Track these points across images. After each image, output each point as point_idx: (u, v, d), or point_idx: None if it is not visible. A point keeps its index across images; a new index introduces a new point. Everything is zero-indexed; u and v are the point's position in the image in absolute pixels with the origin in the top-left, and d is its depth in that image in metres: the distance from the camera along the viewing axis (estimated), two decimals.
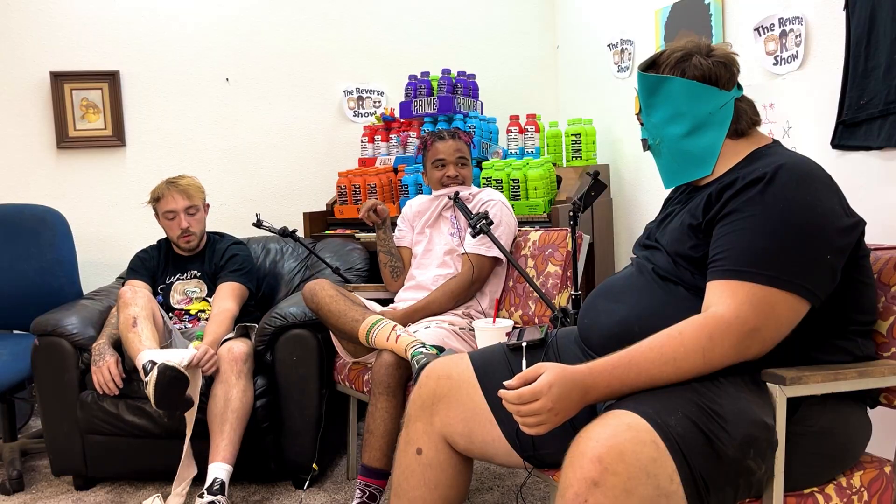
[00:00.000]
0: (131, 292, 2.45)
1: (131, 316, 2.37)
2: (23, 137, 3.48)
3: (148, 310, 2.41)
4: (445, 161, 2.64)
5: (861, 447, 1.43)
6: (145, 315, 2.38)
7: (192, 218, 2.73)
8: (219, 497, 2.19)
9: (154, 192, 2.77)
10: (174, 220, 2.72)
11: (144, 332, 2.33)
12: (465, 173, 2.65)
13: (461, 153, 2.64)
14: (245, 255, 2.83)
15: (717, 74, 1.46)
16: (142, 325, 2.34)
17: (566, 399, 1.25)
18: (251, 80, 3.69)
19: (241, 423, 2.33)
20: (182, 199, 2.71)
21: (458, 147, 2.64)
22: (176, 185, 2.73)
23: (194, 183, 2.79)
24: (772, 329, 1.27)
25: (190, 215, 2.73)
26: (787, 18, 2.37)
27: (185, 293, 2.76)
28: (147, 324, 2.36)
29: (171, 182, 2.74)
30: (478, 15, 3.91)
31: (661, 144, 1.54)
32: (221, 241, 2.88)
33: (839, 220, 1.32)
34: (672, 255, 1.44)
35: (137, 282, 2.69)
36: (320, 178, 3.77)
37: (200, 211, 2.78)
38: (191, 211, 2.73)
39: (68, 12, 3.48)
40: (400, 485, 1.59)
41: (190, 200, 2.72)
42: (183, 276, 2.79)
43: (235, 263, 2.76)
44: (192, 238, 2.75)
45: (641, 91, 1.54)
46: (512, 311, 2.49)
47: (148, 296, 2.49)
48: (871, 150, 2.08)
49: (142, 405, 2.45)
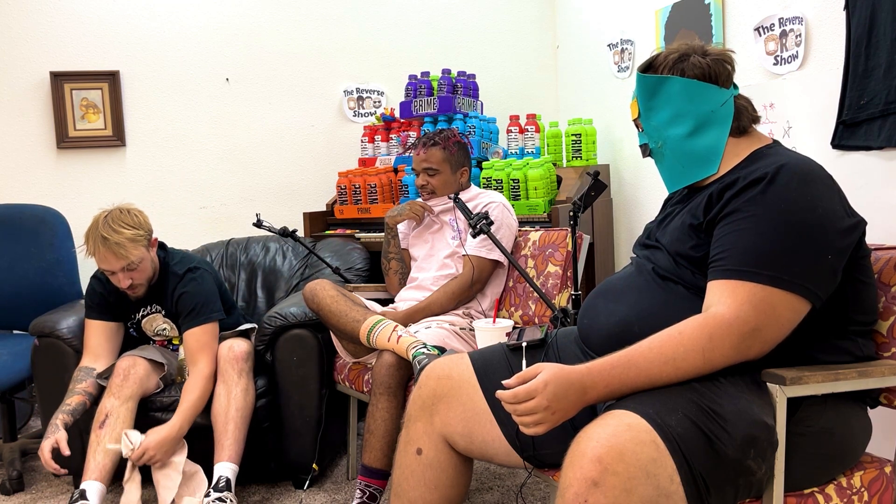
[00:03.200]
0: (122, 377, 2.30)
1: (105, 410, 2.24)
2: (23, 137, 3.48)
3: (131, 403, 2.28)
4: (416, 171, 2.64)
5: (861, 447, 1.43)
6: (121, 415, 2.24)
7: (132, 273, 2.34)
8: (225, 493, 2.17)
9: (87, 243, 2.32)
10: (113, 276, 2.35)
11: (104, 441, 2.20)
12: (434, 182, 2.59)
13: (428, 163, 2.58)
14: (196, 289, 2.45)
15: (717, 72, 1.46)
16: (109, 427, 2.22)
17: (563, 398, 1.25)
18: (251, 80, 3.70)
19: (244, 422, 2.32)
20: (116, 261, 2.29)
21: (426, 157, 2.58)
22: (109, 242, 2.27)
23: (132, 232, 2.31)
24: (772, 329, 1.27)
25: (129, 270, 2.33)
26: (787, 18, 2.37)
27: (156, 333, 2.54)
28: (118, 424, 2.23)
29: (106, 237, 2.26)
30: (478, 15, 3.92)
31: (663, 147, 1.53)
32: (171, 279, 2.48)
33: (840, 221, 1.31)
34: (672, 254, 1.44)
35: (136, 359, 2.38)
36: (320, 178, 3.77)
37: (144, 260, 2.36)
38: (130, 267, 2.32)
39: (68, 12, 3.48)
40: (400, 485, 1.59)
41: (124, 260, 2.29)
42: (148, 311, 2.51)
43: (189, 305, 2.42)
44: (139, 289, 2.40)
45: (641, 94, 1.53)
46: (512, 311, 2.49)
47: (140, 380, 2.33)
48: (872, 150, 2.08)
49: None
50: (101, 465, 2.20)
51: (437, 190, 2.61)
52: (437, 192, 2.62)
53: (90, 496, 2.14)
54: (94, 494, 2.16)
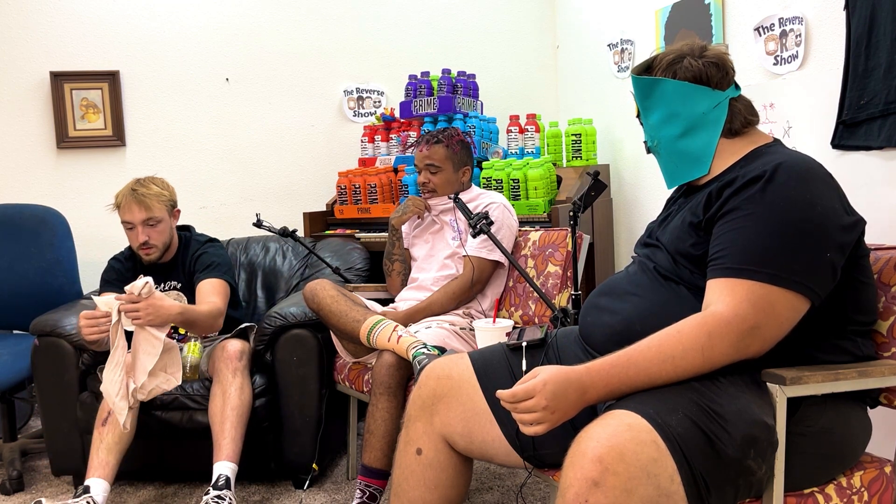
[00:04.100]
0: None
1: (108, 408, 2.25)
2: (23, 137, 3.48)
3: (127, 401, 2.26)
4: (417, 168, 2.64)
5: (861, 447, 1.43)
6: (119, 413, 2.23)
7: (151, 230, 2.48)
8: (224, 492, 2.17)
9: (117, 196, 2.52)
10: (132, 230, 2.50)
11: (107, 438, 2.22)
12: (436, 180, 2.59)
13: (430, 160, 2.58)
14: (216, 252, 2.63)
15: (709, 75, 1.47)
16: (111, 425, 2.23)
17: (563, 398, 1.25)
18: (251, 80, 3.69)
19: (241, 420, 2.32)
20: (139, 211, 2.45)
21: (429, 153, 2.58)
22: (136, 193, 2.47)
23: (159, 190, 2.51)
24: (772, 327, 1.27)
25: (149, 227, 2.48)
26: (787, 18, 2.37)
27: None
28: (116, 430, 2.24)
29: (135, 189, 2.48)
30: (478, 15, 3.92)
31: (658, 146, 1.56)
32: (192, 245, 2.66)
33: (839, 218, 1.32)
34: (672, 253, 1.44)
35: None
36: (320, 178, 3.77)
37: (164, 221, 2.52)
38: (150, 222, 2.47)
39: (68, 12, 3.48)
40: (400, 485, 1.59)
41: (149, 212, 2.45)
42: (162, 288, 2.59)
43: (206, 261, 2.57)
44: (153, 251, 2.52)
45: (637, 94, 1.56)
46: (512, 311, 2.49)
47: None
48: (871, 150, 2.07)
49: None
50: (105, 462, 2.21)
51: (439, 188, 2.61)
52: (438, 191, 2.61)
53: (94, 493, 2.15)
54: (99, 491, 2.16)
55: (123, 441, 2.26)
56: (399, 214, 2.66)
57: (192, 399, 2.44)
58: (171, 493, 2.55)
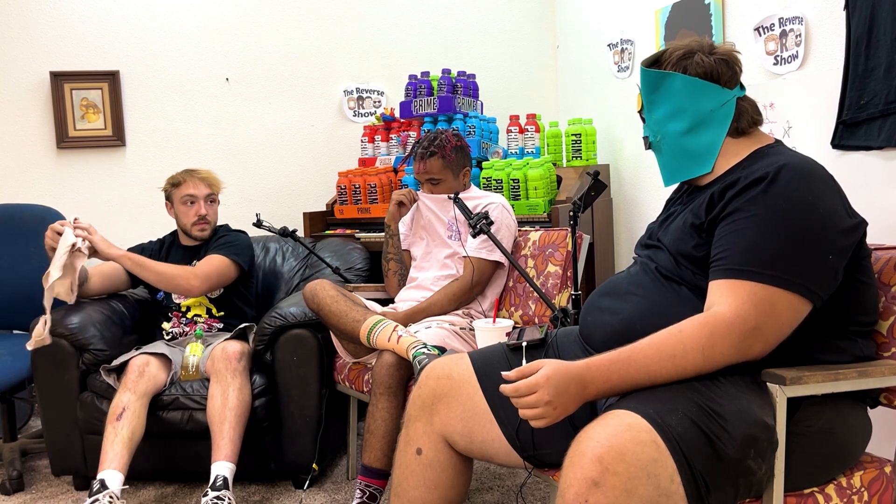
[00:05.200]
0: (138, 374, 2.36)
1: (122, 405, 2.29)
2: (23, 137, 3.48)
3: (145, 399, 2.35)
4: (419, 182, 2.67)
5: (861, 447, 1.43)
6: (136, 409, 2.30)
7: (210, 206, 2.76)
8: (223, 492, 2.17)
9: (172, 177, 2.77)
10: (193, 205, 2.72)
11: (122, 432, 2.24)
12: (440, 190, 2.62)
13: (430, 174, 2.60)
14: (237, 236, 2.80)
15: (719, 72, 1.47)
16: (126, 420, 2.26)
17: (564, 393, 1.25)
18: (251, 80, 3.70)
19: (239, 420, 2.32)
20: (203, 187, 2.74)
21: (426, 169, 2.59)
22: (198, 172, 2.76)
23: (214, 175, 2.82)
24: (773, 328, 1.27)
25: (209, 203, 2.75)
26: (787, 18, 2.37)
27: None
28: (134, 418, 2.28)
29: (192, 170, 2.77)
30: (478, 15, 3.92)
31: (661, 141, 1.55)
32: (220, 230, 2.85)
33: (841, 221, 1.32)
34: (674, 254, 1.44)
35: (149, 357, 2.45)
36: (320, 178, 3.77)
37: (217, 202, 2.81)
38: (210, 198, 2.76)
39: (68, 12, 3.48)
40: (400, 485, 1.59)
41: (211, 189, 2.76)
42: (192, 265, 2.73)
43: (223, 241, 2.74)
44: (207, 227, 2.76)
45: (644, 87, 1.55)
46: (512, 311, 2.49)
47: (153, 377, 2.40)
48: (872, 150, 2.08)
49: None
50: (119, 454, 2.22)
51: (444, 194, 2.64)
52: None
53: (110, 485, 2.15)
54: (115, 483, 2.16)
55: (136, 436, 2.29)
56: (392, 211, 2.69)
57: (192, 399, 2.44)
58: (171, 494, 2.55)
